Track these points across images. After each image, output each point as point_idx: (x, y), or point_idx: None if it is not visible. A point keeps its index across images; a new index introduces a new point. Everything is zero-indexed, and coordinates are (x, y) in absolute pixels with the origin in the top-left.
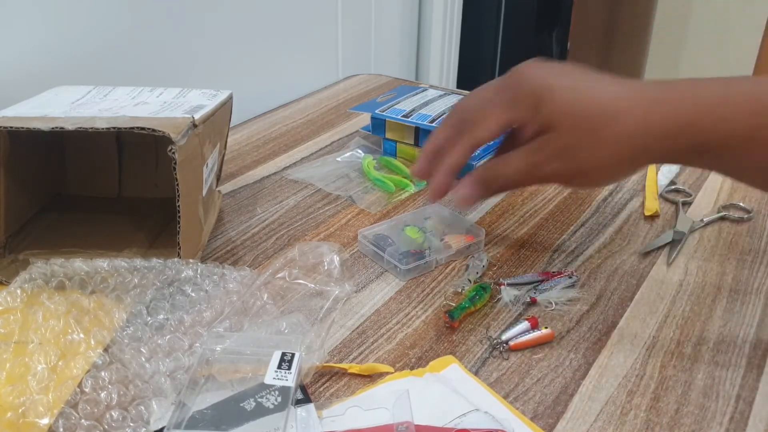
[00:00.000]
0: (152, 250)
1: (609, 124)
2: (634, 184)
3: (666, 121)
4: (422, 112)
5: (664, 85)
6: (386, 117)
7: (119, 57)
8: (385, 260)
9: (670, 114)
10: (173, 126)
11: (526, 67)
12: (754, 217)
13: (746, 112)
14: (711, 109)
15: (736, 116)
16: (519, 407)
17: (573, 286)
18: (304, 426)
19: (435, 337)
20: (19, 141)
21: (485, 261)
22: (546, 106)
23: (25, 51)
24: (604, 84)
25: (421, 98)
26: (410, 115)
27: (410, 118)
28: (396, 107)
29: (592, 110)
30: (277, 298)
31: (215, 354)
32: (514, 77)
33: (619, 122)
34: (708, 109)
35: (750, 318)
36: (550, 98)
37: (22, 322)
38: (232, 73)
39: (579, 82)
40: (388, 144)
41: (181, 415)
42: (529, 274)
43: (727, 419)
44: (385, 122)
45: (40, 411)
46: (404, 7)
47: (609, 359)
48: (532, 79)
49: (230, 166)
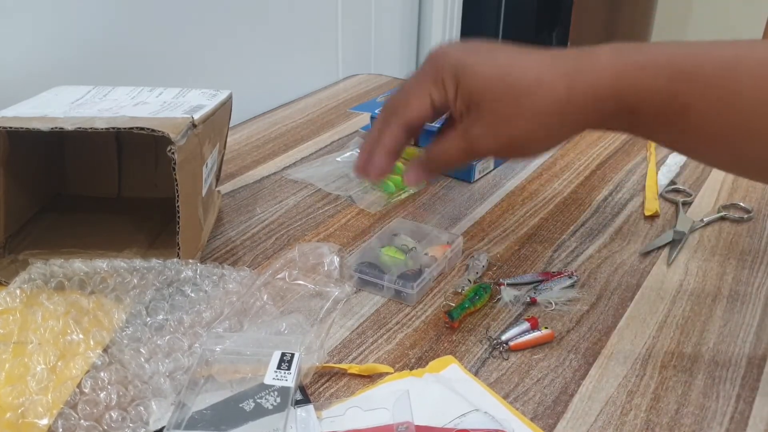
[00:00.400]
0: (152, 251)
1: (531, 95)
2: (634, 184)
3: (588, 90)
4: None
5: (589, 52)
6: None
7: (119, 57)
8: (386, 288)
9: (592, 82)
10: (173, 126)
11: (443, 47)
12: (754, 217)
13: (665, 78)
14: (632, 75)
15: (655, 83)
16: (519, 407)
17: (573, 286)
18: (303, 426)
19: (435, 337)
20: (19, 141)
21: (485, 261)
22: (467, 82)
23: (25, 51)
24: (525, 56)
25: None
26: None
27: None
28: None
29: (512, 82)
30: (276, 299)
31: (215, 354)
32: (433, 59)
33: (541, 92)
34: (629, 76)
35: (750, 318)
36: (471, 74)
37: (22, 323)
38: (232, 73)
39: (498, 56)
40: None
41: (180, 416)
42: (529, 274)
43: (728, 419)
44: None
45: (40, 411)
46: (404, 7)
47: (609, 359)
48: (450, 58)
49: (230, 166)
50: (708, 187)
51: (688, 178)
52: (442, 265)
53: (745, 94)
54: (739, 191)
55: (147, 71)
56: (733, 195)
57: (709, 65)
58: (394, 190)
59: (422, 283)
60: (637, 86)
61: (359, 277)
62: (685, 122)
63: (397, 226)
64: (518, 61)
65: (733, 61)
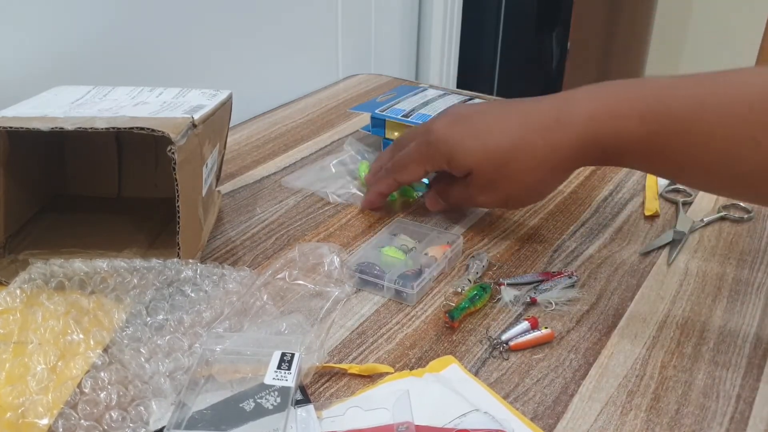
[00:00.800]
0: (152, 251)
1: (510, 162)
2: (634, 184)
3: (568, 141)
4: (422, 112)
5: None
6: (386, 117)
7: (119, 57)
8: (386, 288)
9: (570, 134)
10: (173, 126)
11: (437, 125)
12: (754, 217)
13: (636, 120)
14: (607, 122)
15: (628, 125)
16: (519, 407)
17: (573, 286)
18: (303, 426)
19: (435, 337)
20: (19, 141)
21: (485, 261)
22: (456, 160)
23: (25, 51)
24: (504, 121)
25: (421, 98)
26: (410, 115)
27: (410, 117)
28: (396, 107)
29: (492, 154)
30: (276, 299)
31: (215, 354)
32: (430, 137)
33: (520, 156)
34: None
35: (750, 318)
36: (460, 153)
37: (22, 323)
38: (232, 73)
39: (479, 128)
40: (388, 144)
41: (180, 416)
42: (530, 274)
43: (728, 419)
44: (385, 122)
45: (40, 411)
46: (404, 7)
47: (609, 359)
48: (442, 140)
49: (230, 166)
50: None
51: None
52: (442, 265)
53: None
54: None
55: (147, 71)
56: None
57: (677, 106)
58: (396, 197)
59: (422, 283)
60: (614, 131)
61: (359, 277)
62: (665, 158)
63: (397, 226)
64: (497, 129)
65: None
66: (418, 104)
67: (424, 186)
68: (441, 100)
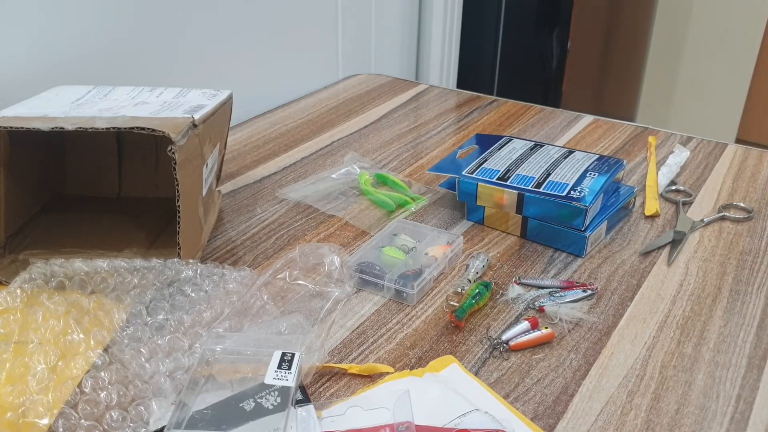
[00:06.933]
0: (152, 251)
1: None
2: (634, 184)
3: None
4: (520, 173)
5: None
6: (479, 180)
7: (119, 57)
8: (386, 288)
9: None
10: (173, 126)
11: None
12: (754, 217)
13: None
14: None
15: None
16: (519, 407)
17: (589, 298)
18: (303, 426)
19: (435, 337)
20: (19, 141)
21: (485, 261)
22: None
23: (25, 51)
24: None
25: (510, 153)
26: (507, 177)
27: (508, 181)
28: (486, 166)
29: None
30: (277, 299)
31: (215, 354)
32: None
33: None
34: None
35: (750, 318)
36: None
37: (22, 322)
38: (232, 73)
39: None
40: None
41: (181, 416)
42: (549, 279)
43: (728, 419)
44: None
45: (40, 411)
46: (404, 7)
47: (609, 359)
48: None
49: (230, 166)
50: (708, 187)
51: (689, 178)
52: (442, 265)
53: None
54: (739, 191)
55: (147, 71)
56: (733, 195)
57: None
58: (394, 208)
59: (422, 283)
60: None
61: (359, 277)
62: None
63: (397, 226)
64: None
65: None
66: (510, 161)
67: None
68: (536, 155)
